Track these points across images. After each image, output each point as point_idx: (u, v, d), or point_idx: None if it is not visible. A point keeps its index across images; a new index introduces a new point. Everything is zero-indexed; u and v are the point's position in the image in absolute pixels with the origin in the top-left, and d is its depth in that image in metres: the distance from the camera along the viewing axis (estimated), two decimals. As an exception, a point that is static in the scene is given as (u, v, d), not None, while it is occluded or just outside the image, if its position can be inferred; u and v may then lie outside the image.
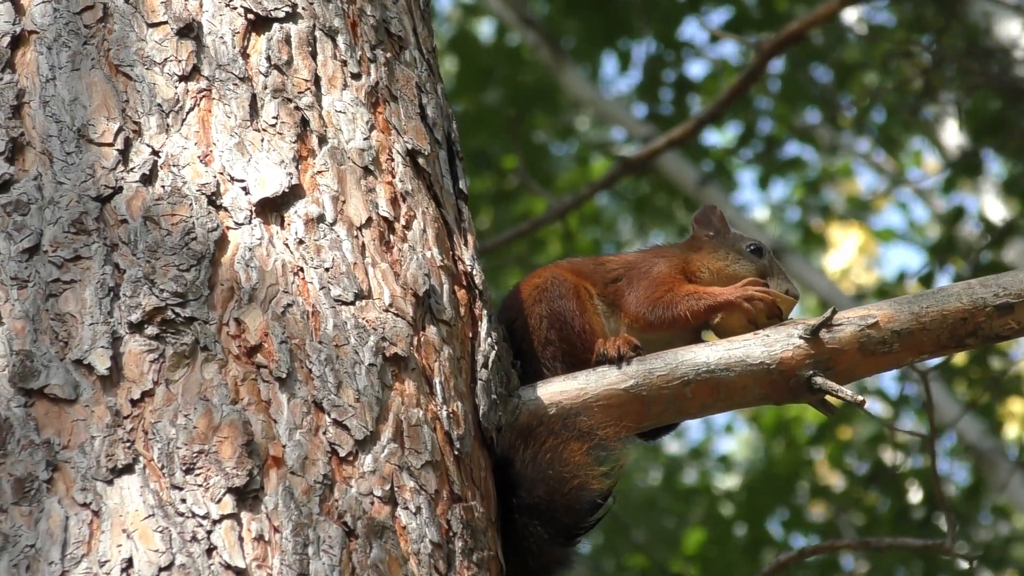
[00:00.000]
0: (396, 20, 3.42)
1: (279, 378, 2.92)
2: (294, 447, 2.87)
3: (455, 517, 2.98)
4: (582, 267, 3.64)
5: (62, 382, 2.85)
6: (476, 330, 3.24)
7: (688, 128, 6.87)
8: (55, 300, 2.92)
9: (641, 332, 3.52)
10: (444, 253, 3.23)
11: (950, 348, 3.38)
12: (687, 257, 3.63)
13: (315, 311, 3.00)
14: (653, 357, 3.36)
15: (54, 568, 2.72)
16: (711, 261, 3.62)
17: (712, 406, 3.37)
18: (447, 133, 3.42)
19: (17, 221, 2.98)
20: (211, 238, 2.99)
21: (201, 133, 3.10)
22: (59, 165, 3.03)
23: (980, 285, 3.37)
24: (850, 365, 3.35)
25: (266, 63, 3.19)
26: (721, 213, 3.74)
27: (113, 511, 2.76)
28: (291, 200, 3.08)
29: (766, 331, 3.38)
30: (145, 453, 2.82)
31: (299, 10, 3.26)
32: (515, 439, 3.25)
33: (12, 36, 3.13)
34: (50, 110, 3.08)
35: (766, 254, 3.64)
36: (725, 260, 3.62)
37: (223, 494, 2.79)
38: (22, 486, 2.78)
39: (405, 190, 3.22)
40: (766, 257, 3.63)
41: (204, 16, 3.20)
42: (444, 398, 3.07)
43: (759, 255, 3.63)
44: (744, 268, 3.60)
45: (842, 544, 4.66)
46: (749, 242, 3.66)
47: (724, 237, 3.67)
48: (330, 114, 3.20)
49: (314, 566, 2.78)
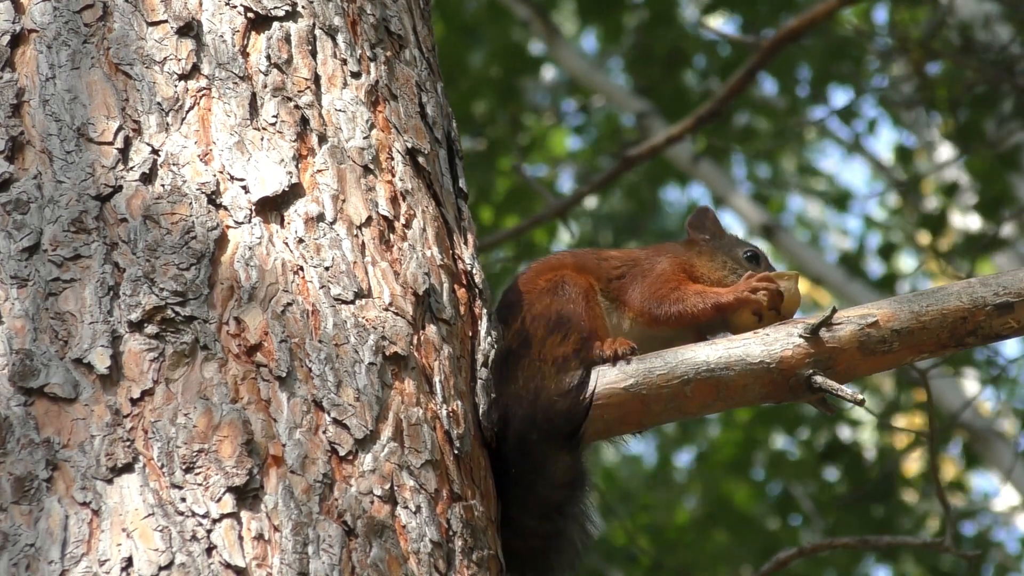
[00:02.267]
0: (396, 19, 3.42)
1: (279, 377, 2.92)
2: (294, 446, 2.87)
3: (455, 516, 2.98)
4: (585, 261, 3.63)
5: (62, 381, 2.85)
6: (476, 329, 3.24)
7: (688, 124, 6.86)
8: (55, 299, 2.92)
9: (645, 327, 3.53)
10: (444, 252, 3.23)
11: (950, 347, 3.38)
12: (689, 257, 3.65)
13: (315, 310, 2.99)
14: (653, 356, 3.36)
15: (54, 567, 2.72)
16: (710, 270, 3.64)
17: (712, 405, 3.36)
18: (447, 132, 3.42)
19: (17, 220, 2.98)
20: (211, 237, 2.99)
21: (201, 132, 3.10)
22: (59, 164, 3.03)
23: (980, 284, 3.38)
24: (850, 364, 3.35)
25: (266, 62, 3.19)
26: (714, 215, 3.77)
27: (113, 510, 2.76)
28: (291, 199, 3.08)
29: (766, 330, 3.38)
30: (145, 452, 2.82)
31: (299, 9, 3.26)
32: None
33: (12, 34, 3.13)
34: (50, 109, 3.07)
35: (763, 261, 3.66)
36: (723, 270, 3.65)
37: (223, 493, 2.79)
38: (22, 485, 2.78)
39: (405, 189, 3.22)
40: (763, 264, 3.66)
41: (204, 15, 3.20)
42: (444, 397, 3.08)
43: (756, 263, 3.65)
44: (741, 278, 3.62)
45: (841, 543, 4.65)
46: (746, 249, 3.68)
47: (720, 241, 3.70)
48: (330, 113, 3.20)
49: (314, 565, 2.78)
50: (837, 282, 9.36)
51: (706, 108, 6.83)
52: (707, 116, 6.84)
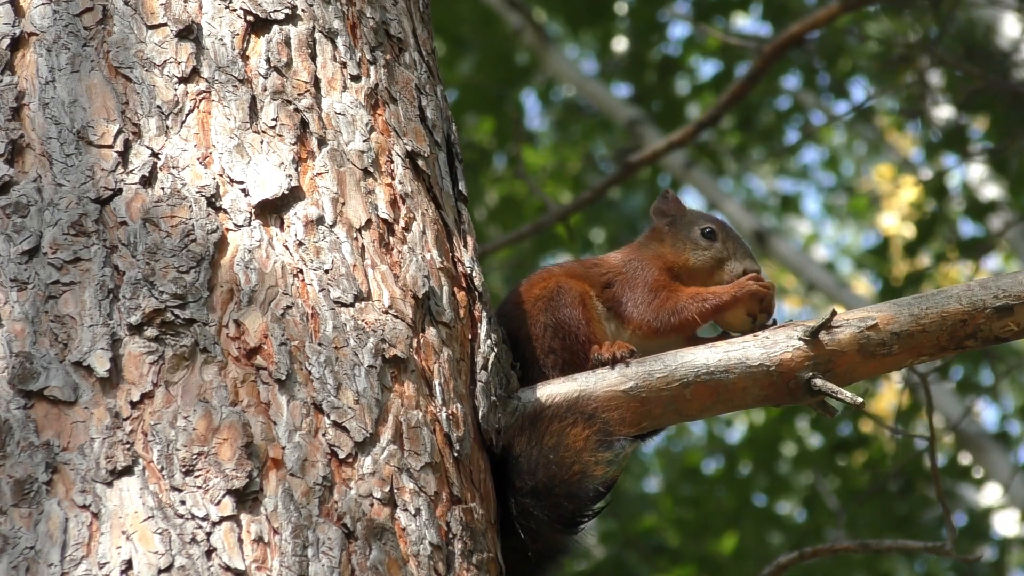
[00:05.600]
0: (395, 22, 3.42)
1: (278, 380, 2.92)
2: (293, 449, 2.87)
3: (455, 519, 2.98)
4: (574, 271, 3.64)
5: (61, 384, 2.85)
6: (476, 332, 3.24)
7: (688, 131, 6.87)
8: (55, 302, 2.92)
9: (647, 339, 3.53)
10: (444, 255, 3.23)
11: (950, 350, 3.38)
12: (660, 252, 3.65)
13: (314, 313, 3.00)
14: (652, 359, 3.36)
15: (53, 570, 2.72)
16: (675, 255, 3.64)
17: (711, 408, 3.36)
18: (447, 135, 3.43)
19: (17, 223, 2.98)
20: (210, 240, 2.99)
21: (200, 135, 3.10)
22: (59, 167, 3.03)
23: (980, 287, 3.37)
24: (850, 367, 3.35)
25: (265, 65, 3.20)
26: (675, 196, 3.77)
27: (112, 513, 2.76)
28: (291, 202, 3.08)
29: (765, 333, 3.38)
30: (144, 455, 2.82)
31: (299, 12, 3.26)
32: (523, 423, 3.25)
33: (12, 38, 3.13)
34: (50, 112, 3.08)
35: (719, 234, 3.65)
36: (685, 252, 3.65)
37: (222, 496, 2.79)
38: (21, 488, 2.78)
39: (405, 192, 3.22)
40: (719, 238, 3.65)
41: (204, 18, 3.20)
42: (444, 400, 3.07)
43: (712, 238, 3.64)
44: (702, 259, 3.62)
45: (842, 547, 4.65)
46: (703, 226, 3.67)
47: (680, 222, 3.69)
48: (330, 116, 3.21)
49: (313, 568, 2.78)
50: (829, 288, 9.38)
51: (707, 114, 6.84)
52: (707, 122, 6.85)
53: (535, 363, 3.46)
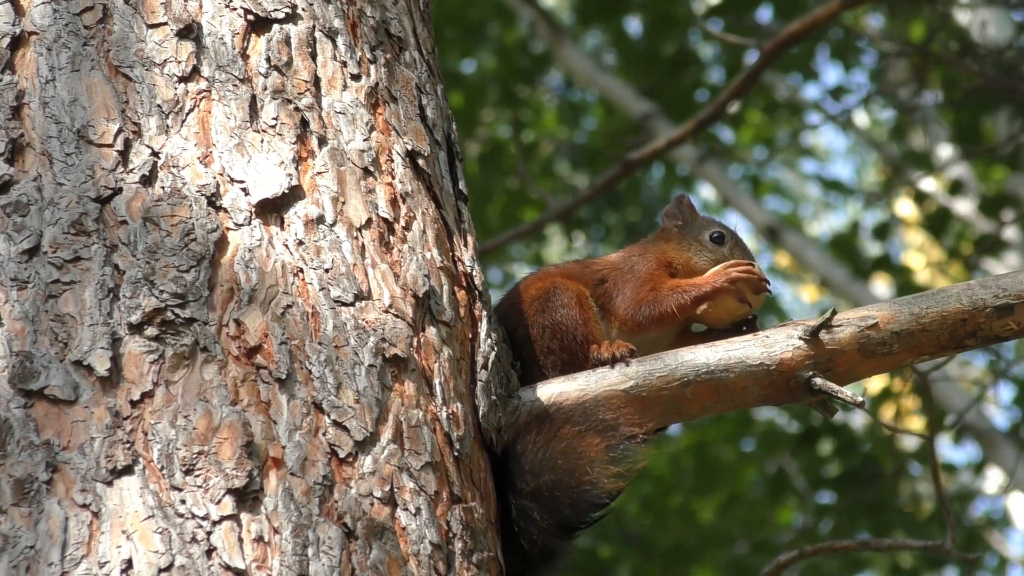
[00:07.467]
0: (396, 21, 3.42)
1: (279, 379, 2.92)
2: (294, 448, 2.87)
3: (455, 518, 2.98)
4: (570, 271, 3.63)
5: (62, 383, 2.85)
6: (476, 331, 3.24)
7: (689, 128, 6.87)
8: (55, 301, 2.92)
9: (631, 334, 3.52)
10: (444, 254, 3.23)
11: (950, 349, 3.38)
12: (663, 249, 3.65)
13: (315, 312, 3.00)
14: (652, 358, 3.36)
15: (54, 569, 2.72)
16: (678, 254, 3.64)
17: (712, 407, 3.37)
18: (447, 134, 3.42)
19: (17, 222, 2.98)
20: (211, 239, 2.99)
21: (201, 134, 3.10)
22: (59, 166, 3.03)
23: (980, 286, 3.38)
24: (850, 366, 3.35)
25: (266, 64, 3.20)
26: (689, 201, 3.76)
27: (113, 512, 2.76)
28: (291, 201, 3.08)
29: (766, 332, 3.38)
30: (145, 454, 2.82)
31: (299, 11, 3.26)
32: (528, 422, 3.23)
33: (12, 37, 3.13)
34: (50, 111, 3.08)
35: (727, 240, 3.65)
36: (688, 251, 3.65)
37: (223, 495, 2.79)
38: (22, 487, 2.78)
39: (405, 191, 3.22)
40: (727, 244, 3.65)
41: (204, 17, 3.20)
42: (444, 399, 3.07)
43: (720, 243, 3.65)
44: (705, 259, 3.62)
45: (842, 545, 4.65)
46: (713, 230, 3.68)
47: (691, 225, 3.69)
48: (330, 115, 3.21)
49: (314, 567, 2.78)
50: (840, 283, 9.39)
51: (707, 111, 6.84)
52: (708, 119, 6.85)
53: (534, 364, 3.46)
